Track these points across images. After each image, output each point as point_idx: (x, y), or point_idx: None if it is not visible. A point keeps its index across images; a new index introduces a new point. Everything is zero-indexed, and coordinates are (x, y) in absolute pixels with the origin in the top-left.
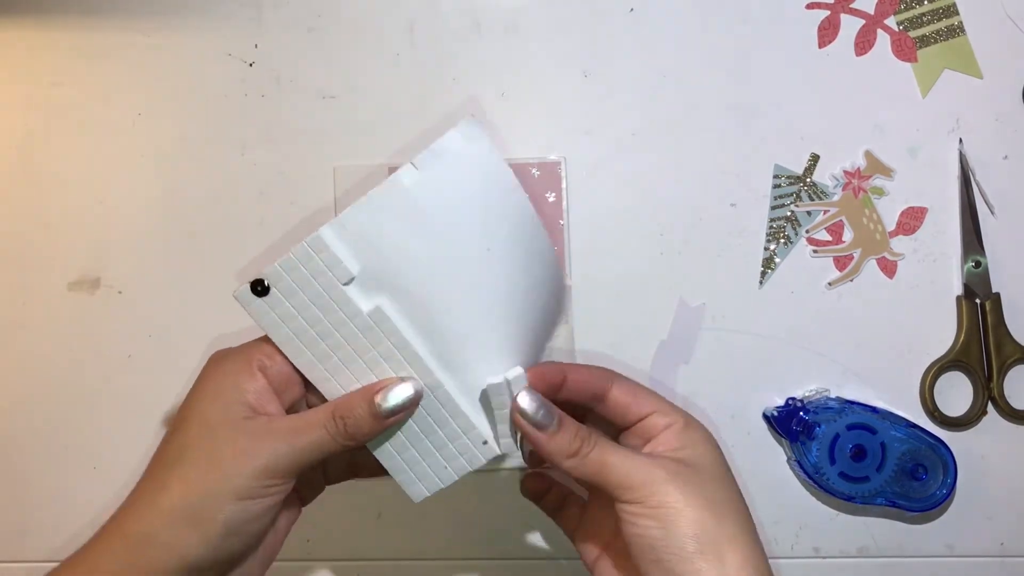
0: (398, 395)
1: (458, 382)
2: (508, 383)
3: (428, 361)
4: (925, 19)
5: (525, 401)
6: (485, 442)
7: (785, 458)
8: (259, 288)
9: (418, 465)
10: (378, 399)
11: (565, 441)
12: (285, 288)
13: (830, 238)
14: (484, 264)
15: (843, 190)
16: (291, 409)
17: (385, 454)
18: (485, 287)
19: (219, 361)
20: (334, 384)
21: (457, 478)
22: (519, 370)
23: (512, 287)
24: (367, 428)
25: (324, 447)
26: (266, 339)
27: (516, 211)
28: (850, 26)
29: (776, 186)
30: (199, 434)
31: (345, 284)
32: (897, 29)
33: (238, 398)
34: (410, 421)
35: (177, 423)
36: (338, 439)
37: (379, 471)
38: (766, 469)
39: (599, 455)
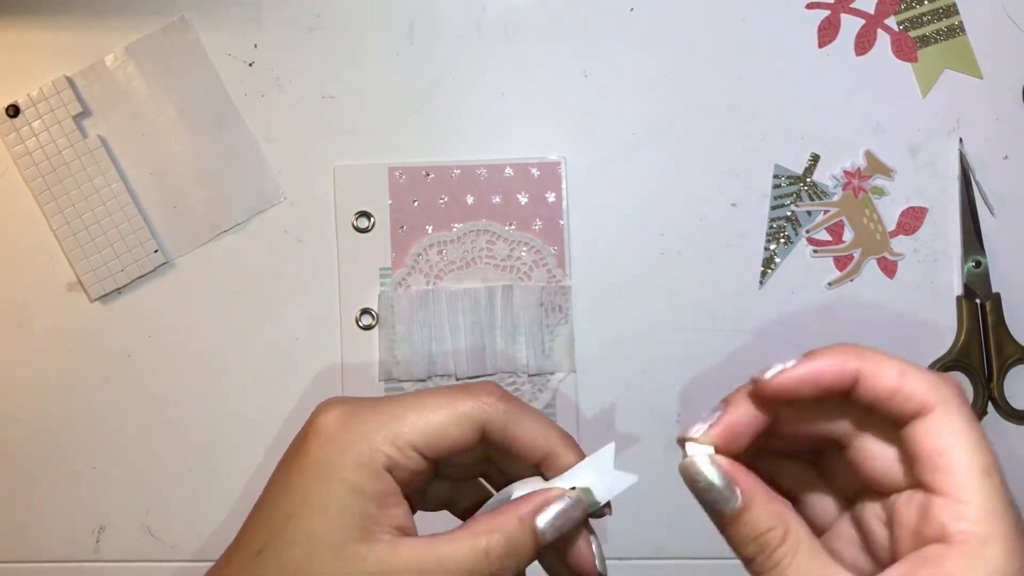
0: (554, 512)
1: None
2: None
3: None
4: (925, 19)
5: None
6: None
7: None
8: None
9: None
10: (540, 523)
11: (749, 530)
12: None
13: (830, 238)
14: None
15: (843, 190)
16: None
17: None
18: None
19: (332, 441)
20: None
21: None
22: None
23: None
24: (526, 560)
25: None
26: (395, 404)
27: None
28: (850, 26)
29: (776, 186)
30: (295, 557)
31: None
32: (897, 29)
33: (353, 507)
34: None
35: (262, 524)
36: None
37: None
38: None
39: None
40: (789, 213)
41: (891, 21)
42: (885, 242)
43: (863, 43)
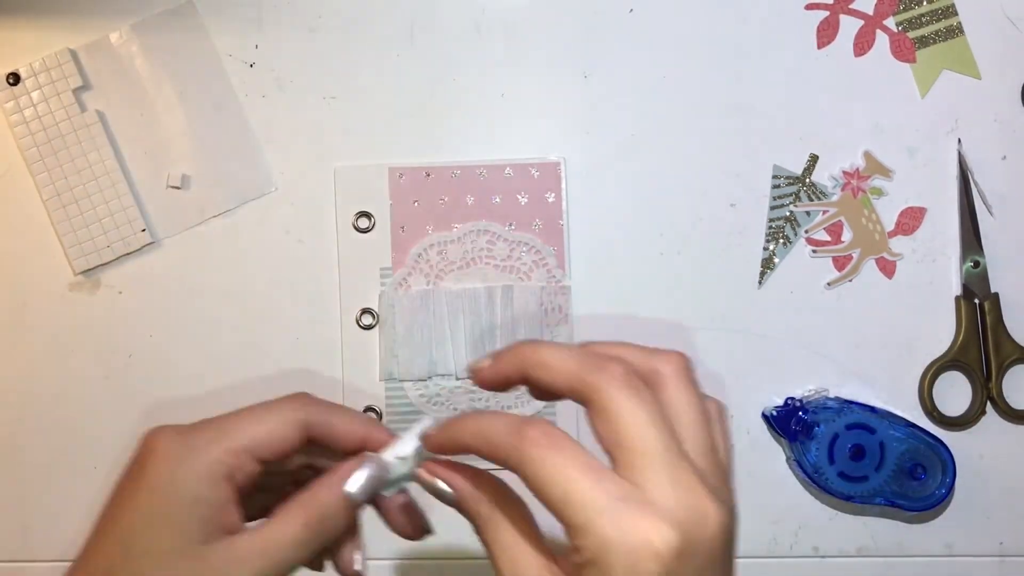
0: (361, 476)
1: None
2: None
3: None
4: (924, 20)
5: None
6: None
7: (784, 458)
8: None
9: None
10: (348, 487)
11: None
12: None
13: (829, 238)
14: None
15: (842, 190)
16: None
17: None
18: None
19: (170, 458)
20: None
21: None
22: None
23: None
24: (344, 522)
25: (301, 561)
26: (223, 419)
27: None
28: (849, 27)
29: (775, 186)
30: (145, 569)
31: None
32: (896, 30)
33: (195, 515)
34: None
35: (107, 543)
36: (314, 545)
37: None
38: (765, 469)
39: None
40: (788, 213)
41: (890, 22)
42: (884, 242)
43: (862, 44)
